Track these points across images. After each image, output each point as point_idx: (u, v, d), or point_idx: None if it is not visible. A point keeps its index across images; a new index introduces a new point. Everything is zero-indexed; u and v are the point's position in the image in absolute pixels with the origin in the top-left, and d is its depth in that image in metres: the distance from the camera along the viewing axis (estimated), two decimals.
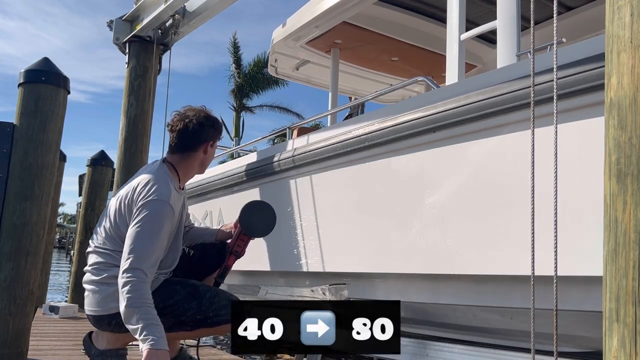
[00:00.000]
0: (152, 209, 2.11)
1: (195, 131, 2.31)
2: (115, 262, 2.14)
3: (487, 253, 2.40)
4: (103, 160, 6.29)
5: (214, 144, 2.43)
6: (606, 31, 1.33)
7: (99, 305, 2.19)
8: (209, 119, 2.37)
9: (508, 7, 2.69)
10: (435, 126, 2.58)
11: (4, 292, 2.71)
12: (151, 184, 2.17)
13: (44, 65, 2.93)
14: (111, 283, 2.13)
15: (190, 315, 2.22)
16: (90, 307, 2.23)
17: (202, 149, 2.36)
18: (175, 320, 2.19)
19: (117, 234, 2.20)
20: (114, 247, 2.20)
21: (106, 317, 2.19)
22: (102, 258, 2.21)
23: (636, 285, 1.19)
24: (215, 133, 2.40)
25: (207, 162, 2.43)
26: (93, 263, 2.24)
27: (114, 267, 2.14)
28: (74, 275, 6.07)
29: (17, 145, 2.81)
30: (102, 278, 2.18)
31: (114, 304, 2.08)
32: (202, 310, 2.22)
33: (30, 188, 2.79)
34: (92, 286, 2.22)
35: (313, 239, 3.38)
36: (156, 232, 2.11)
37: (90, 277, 2.23)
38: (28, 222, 2.77)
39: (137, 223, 2.10)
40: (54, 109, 2.89)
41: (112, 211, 2.24)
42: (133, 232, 2.09)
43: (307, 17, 4.35)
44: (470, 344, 2.73)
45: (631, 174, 1.22)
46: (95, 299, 2.20)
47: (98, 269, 2.21)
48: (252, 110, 24.85)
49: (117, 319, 2.06)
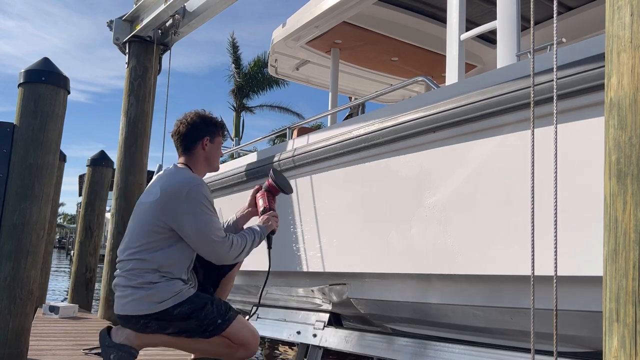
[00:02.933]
0: (195, 193, 2.34)
1: (188, 131, 2.52)
2: (148, 268, 2.32)
3: (487, 253, 2.40)
4: (103, 160, 6.30)
5: (214, 139, 2.58)
6: (606, 31, 1.33)
7: (130, 307, 2.33)
8: (200, 117, 2.56)
9: (508, 7, 2.69)
10: (435, 126, 2.58)
11: (4, 292, 2.71)
12: (180, 178, 2.40)
13: (44, 65, 2.93)
14: (144, 287, 2.31)
15: (210, 330, 2.38)
16: (122, 308, 2.37)
17: (200, 145, 2.53)
18: (199, 328, 2.36)
19: (149, 238, 2.35)
20: (145, 255, 2.34)
21: (136, 317, 2.33)
22: (135, 265, 2.35)
23: (636, 285, 1.19)
24: (209, 129, 2.56)
25: (212, 158, 2.58)
26: (127, 269, 2.37)
27: (146, 273, 2.32)
28: (74, 275, 6.07)
29: (17, 145, 2.81)
30: (135, 283, 2.33)
31: (144, 306, 2.30)
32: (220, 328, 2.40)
33: (30, 188, 2.79)
34: (126, 290, 2.35)
35: (313, 239, 3.37)
36: (213, 208, 2.40)
37: (124, 282, 2.37)
38: (28, 222, 2.78)
39: (190, 210, 2.31)
40: (54, 109, 2.89)
41: (143, 217, 2.40)
42: (191, 220, 2.31)
43: (307, 17, 4.35)
44: (470, 344, 2.73)
45: (631, 174, 1.22)
46: (128, 302, 2.33)
47: (132, 274, 2.35)
48: (252, 110, 24.87)
49: (145, 320, 2.30)
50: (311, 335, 3.47)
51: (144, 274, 2.32)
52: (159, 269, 2.32)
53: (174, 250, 2.36)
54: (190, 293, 2.37)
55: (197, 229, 2.33)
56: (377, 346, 3.08)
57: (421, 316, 3.01)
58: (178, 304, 2.31)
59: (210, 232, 2.34)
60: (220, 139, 2.62)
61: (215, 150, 2.59)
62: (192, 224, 2.32)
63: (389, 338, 3.08)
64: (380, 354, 3.04)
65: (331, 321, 3.49)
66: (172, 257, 2.35)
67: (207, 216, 2.35)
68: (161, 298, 2.29)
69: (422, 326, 3.10)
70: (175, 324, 2.33)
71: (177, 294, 2.32)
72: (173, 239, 2.36)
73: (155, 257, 2.33)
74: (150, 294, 2.29)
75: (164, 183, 2.40)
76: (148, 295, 2.29)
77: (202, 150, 2.54)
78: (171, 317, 2.31)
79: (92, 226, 6.16)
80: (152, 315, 2.30)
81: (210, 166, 2.59)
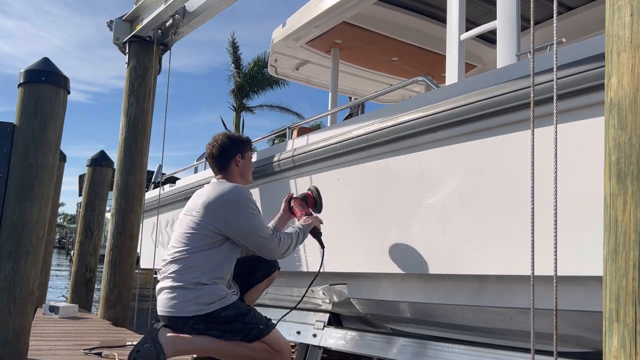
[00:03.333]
0: (242, 198, 2.54)
1: (220, 153, 2.75)
2: (195, 270, 2.46)
3: (487, 253, 2.40)
4: (103, 160, 6.29)
5: (244, 155, 2.79)
6: (606, 31, 1.33)
7: (177, 307, 2.45)
8: (229, 138, 2.78)
9: (508, 7, 2.69)
10: (435, 126, 2.58)
11: (4, 292, 2.70)
12: (225, 187, 2.58)
13: (44, 65, 2.93)
14: (192, 288, 2.44)
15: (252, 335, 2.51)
16: (168, 308, 2.48)
17: (233, 163, 2.75)
18: (242, 331, 2.48)
19: (197, 243, 2.50)
20: (192, 258, 2.49)
21: (184, 319, 2.44)
22: (183, 266, 2.49)
23: (636, 285, 1.19)
24: (238, 147, 2.77)
25: (245, 172, 2.80)
26: (174, 270, 2.50)
27: (194, 275, 2.45)
28: (74, 275, 6.06)
29: (17, 145, 2.80)
30: (184, 284, 2.45)
31: (192, 307, 2.42)
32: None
33: (30, 188, 2.79)
34: (173, 292, 2.47)
35: (313, 239, 3.37)
36: (258, 211, 2.59)
37: (171, 283, 2.49)
38: (28, 222, 2.77)
39: (239, 214, 2.51)
40: (54, 109, 2.89)
41: (190, 224, 2.54)
42: (241, 222, 2.50)
43: (307, 17, 4.35)
44: (470, 344, 2.73)
45: (631, 174, 1.22)
46: (176, 303, 2.45)
47: (180, 275, 2.48)
48: (252, 110, 24.85)
49: (193, 321, 2.43)
50: (311, 335, 3.47)
51: (192, 276, 2.46)
52: (205, 272, 2.46)
53: (219, 255, 2.51)
54: (234, 299, 2.52)
55: (247, 230, 2.52)
56: (377, 346, 3.08)
57: (421, 316, 3.01)
58: (224, 307, 2.45)
59: (258, 231, 2.54)
60: (249, 153, 2.84)
61: (248, 164, 2.81)
62: (242, 225, 2.52)
63: (388, 338, 3.08)
64: (380, 354, 3.04)
65: (331, 321, 3.49)
66: (217, 262, 2.50)
67: (254, 218, 2.54)
68: (209, 300, 2.43)
69: (422, 326, 3.10)
70: (221, 326, 2.46)
71: (223, 298, 2.46)
72: (219, 244, 2.52)
73: (202, 260, 2.48)
74: (199, 296, 2.43)
75: (210, 193, 2.58)
76: (196, 297, 2.42)
77: (236, 167, 2.75)
78: (217, 319, 2.44)
79: (92, 226, 6.15)
80: (199, 317, 2.42)
81: (245, 179, 2.79)
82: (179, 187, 5.37)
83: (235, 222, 2.51)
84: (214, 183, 2.69)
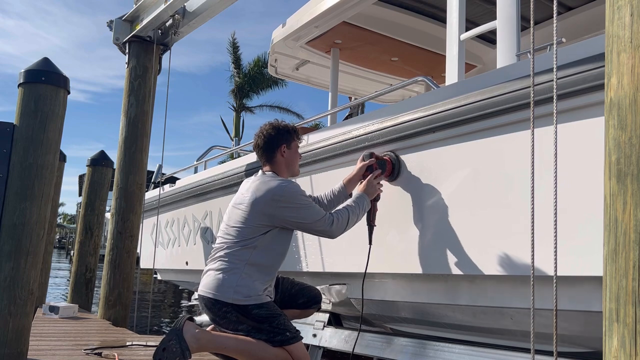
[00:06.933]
0: (287, 195, 2.53)
1: (265, 143, 2.70)
2: (243, 257, 2.51)
3: (487, 253, 2.40)
4: (103, 160, 6.29)
5: (290, 145, 2.73)
6: (606, 31, 1.33)
7: (218, 290, 2.48)
8: (274, 128, 2.72)
9: (508, 7, 2.69)
10: (435, 126, 2.59)
11: (4, 292, 2.70)
12: (270, 187, 2.55)
13: (43, 65, 2.93)
14: (237, 274, 2.48)
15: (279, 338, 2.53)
16: (209, 289, 2.52)
17: (279, 154, 2.70)
18: (269, 333, 2.50)
19: (244, 233, 2.53)
20: (241, 245, 2.52)
21: (220, 303, 2.48)
22: (232, 252, 2.53)
23: (636, 285, 1.19)
24: (284, 137, 2.71)
25: (292, 162, 2.74)
26: (223, 255, 2.55)
27: (241, 261, 2.50)
28: (74, 275, 6.06)
29: (17, 145, 2.81)
30: (232, 269, 2.50)
31: (230, 293, 2.46)
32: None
33: (30, 188, 2.79)
34: (218, 274, 2.52)
35: (313, 239, 3.38)
36: (307, 200, 2.59)
37: (220, 265, 2.54)
38: (28, 222, 2.77)
39: (293, 208, 2.52)
40: (54, 109, 2.89)
41: (238, 216, 2.57)
42: (297, 214, 2.52)
43: (307, 17, 4.35)
44: (470, 344, 2.73)
45: (631, 174, 1.22)
46: (217, 285, 2.49)
47: (228, 261, 2.52)
48: (252, 110, 24.85)
49: (227, 308, 2.46)
50: (311, 335, 3.47)
51: (236, 265, 2.49)
52: (247, 263, 2.49)
53: (262, 250, 2.53)
54: (268, 299, 2.54)
55: (295, 222, 2.54)
56: (377, 346, 3.08)
57: (421, 316, 3.01)
58: (258, 305, 2.48)
59: (308, 219, 2.54)
60: (296, 143, 2.76)
61: (294, 154, 2.75)
62: (290, 218, 2.53)
63: (388, 338, 3.08)
64: (380, 354, 3.04)
65: (331, 321, 3.49)
66: (260, 258, 2.52)
67: (301, 209, 2.54)
68: (247, 293, 2.46)
69: (422, 326, 3.10)
70: (250, 323, 2.47)
71: (258, 296, 2.49)
72: (266, 237, 2.53)
73: (246, 253, 2.51)
74: (240, 286, 2.46)
75: (257, 190, 2.56)
76: (238, 287, 2.46)
77: (282, 157, 2.70)
78: (249, 314, 2.46)
79: (92, 226, 6.15)
80: (234, 307, 2.45)
81: (291, 170, 2.74)
82: (178, 187, 5.37)
83: (284, 216, 2.52)
84: (261, 177, 2.65)
